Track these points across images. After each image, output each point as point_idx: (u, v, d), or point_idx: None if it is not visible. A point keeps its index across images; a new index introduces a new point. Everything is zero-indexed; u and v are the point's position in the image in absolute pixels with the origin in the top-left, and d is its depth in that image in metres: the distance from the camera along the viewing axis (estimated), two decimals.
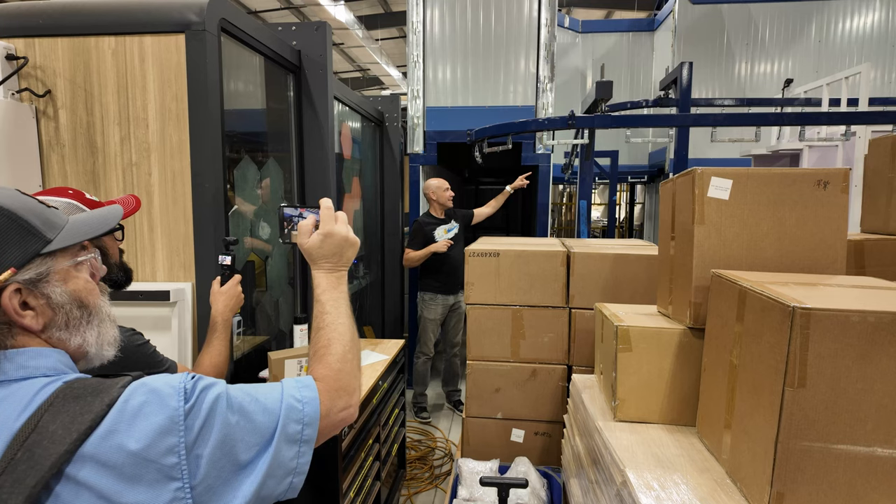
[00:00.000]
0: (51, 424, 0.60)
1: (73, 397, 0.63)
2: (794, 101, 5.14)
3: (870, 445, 0.90)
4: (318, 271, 0.98)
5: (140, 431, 0.62)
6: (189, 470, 0.63)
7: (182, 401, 0.65)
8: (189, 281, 1.81)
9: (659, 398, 1.43)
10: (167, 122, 1.79)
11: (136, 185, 1.81)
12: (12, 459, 0.58)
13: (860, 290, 1.09)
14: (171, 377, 0.69)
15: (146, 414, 0.63)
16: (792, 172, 1.33)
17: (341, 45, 13.91)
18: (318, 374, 0.85)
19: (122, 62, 1.79)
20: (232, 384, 0.74)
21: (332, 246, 0.97)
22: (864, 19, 6.61)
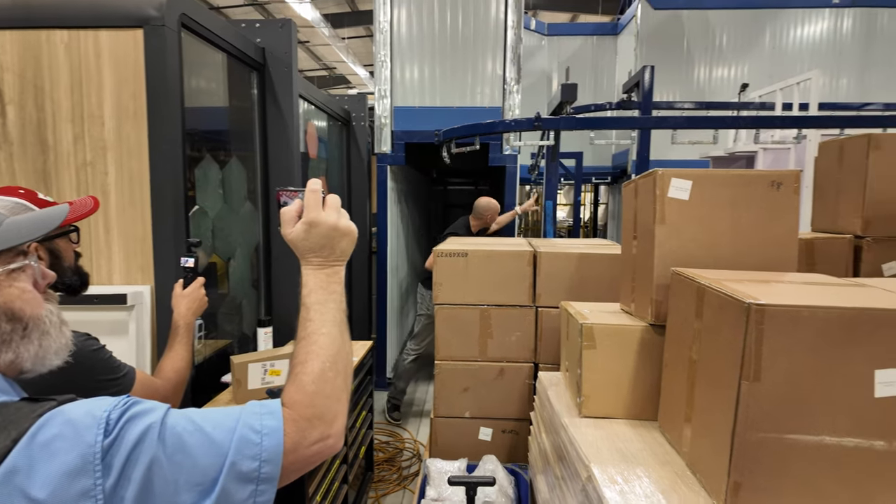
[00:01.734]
0: None
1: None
2: (749, 105, 5.34)
3: (819, 435, 0.94)
4: (306, 267, 0.82)
5: (45, 473, 0.52)
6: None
7: (101, 435, 0.55)
8: (148, 284, 1.75)
9: (622, 394, 1.46)
10: (124, 119, 1.73)
11: (91, 185, 1.75)
12: None
13: (811, 287, 1.14)
14: (99, 403, 0.59)
15: (55, 451, 0.53)
16: (747, 174, 1.38)
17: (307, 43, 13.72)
18: (288, 398, 0.71)
19: (75, 57, 1.72)
20: (182, 409, 0.65)
21: (318, 237, 0.81)
22: (814, 28, 6.93)
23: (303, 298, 0.81)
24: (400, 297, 5.15)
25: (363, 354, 2.58)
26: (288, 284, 2.69)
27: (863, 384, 0.93)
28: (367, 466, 2.99)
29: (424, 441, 3.61)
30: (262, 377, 1.90)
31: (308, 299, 0.80)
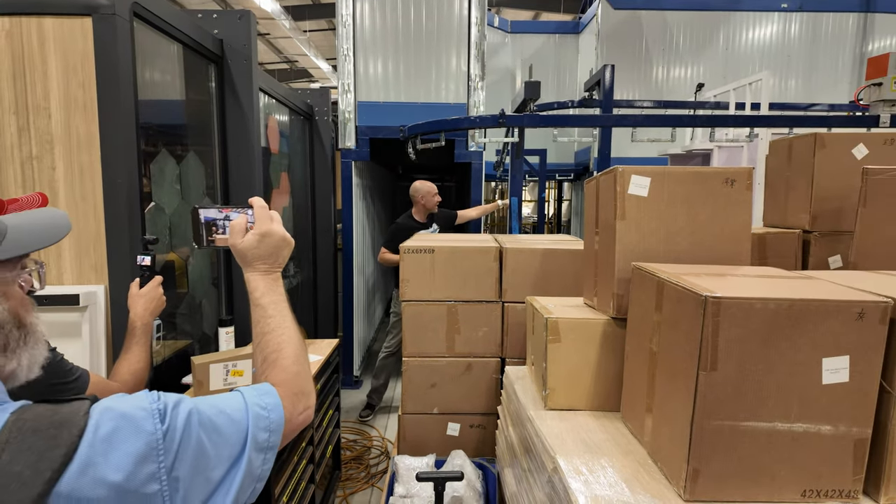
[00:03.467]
0: (14, 465, 0.53)
1: (30, 430, 0.56)
2: (705, 105, 5.52)
3: (771, 421, 0.99)
4: (252, 273, 0.92)
5: (119, 461, 0.57)
6: (170, 494, 0.60)
7: (158, 423, 0.61)
8: (101, 283, 1.68)
9: (586, 386, 1.49)
10: (73, 111, 1.65)
11: (37, 181, 1.66)
12: None
13: (763, 280, 1.19)
14: (136, 398, 0.64)
15: (119, 441, 0.58)
16: (703, 171, 1.43)
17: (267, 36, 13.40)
18: (276, 379, 0.82)
19: (17, 45, 1.63)
20: (188, 396, 0.71)
21: (269, 246, 0.92)
22: (764, 31, 7.21)
23: (256, 300, 0.90)
24: (366, 294, 5.11)
25: (329, 353, 2.55)
26: None
27: (811, 372, 0.97)
28: (335, 465, 2.96)
29: (392, 438, 3.60)
30: (224, 378, 1.86)
31: (263, 300, 0.90)
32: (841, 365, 0.97)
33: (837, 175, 1.78)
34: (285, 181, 3.72)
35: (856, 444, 0.99)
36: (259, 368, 0.86)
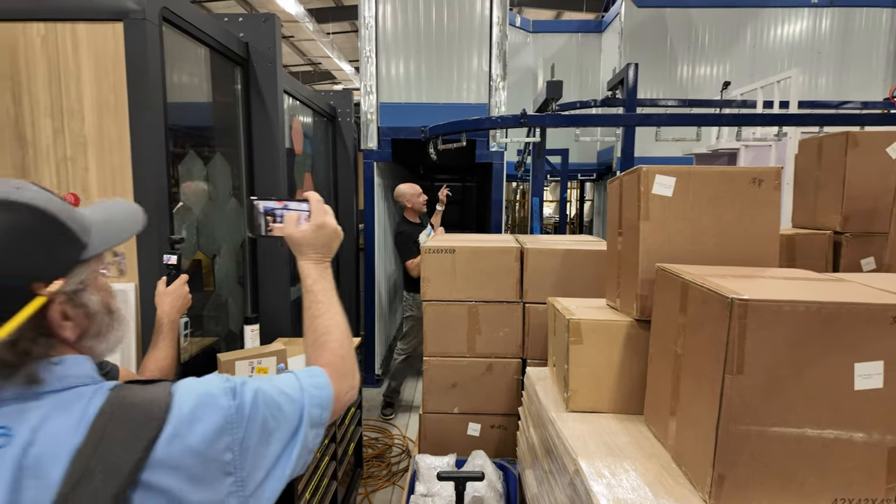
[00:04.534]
0: (118, 433, 0.60)
1: (129, 404, 0.63)
2: (731, 103, 5.41)
3: (800, 427, 0.96)
4: (306, 262, 0.99)
5: (201, 433, 0.64)
6: (241, 463, 0.67)
7: (231, 400, 0.68)
8: (131, 282, 1.72)
9: (609, 388, 1.48)
10: (105, 114, 1.70)
11: (71, 181, 1.72)
12: (86, 471, 0.58)
13: (792, 282, 1.16)
14: (209, 379, 0.71)
15: (201, 417, 0.65)
16: (730, 171, 1.40)
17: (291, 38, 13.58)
18: (325, 360, 0.89)
19: (53, 50, 1.69)
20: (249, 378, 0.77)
21: (322, 237, 0.99)
22: (794, 27, 7.03)
23: (308, 286, 0.97)
24: (388, 293, 5.14)
25: None
26: (274, 282, 2.66)
27: (843, 377, 0.95)
28: (357, 463, 2.99)
29: (413, 437, 3.61)
30: (249, 375, 1.89)
31: (315, 287, 0.97)
32: (874, 370, 0.94)
33: (871, 174, 1.73)
34: (309, 182, 3.76)
35: (890, 453, 0.96)
36: (309, 349, 0.92)
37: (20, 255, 0.61)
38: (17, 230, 0.61)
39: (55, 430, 0.60)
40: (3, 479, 0.57)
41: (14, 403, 0.61)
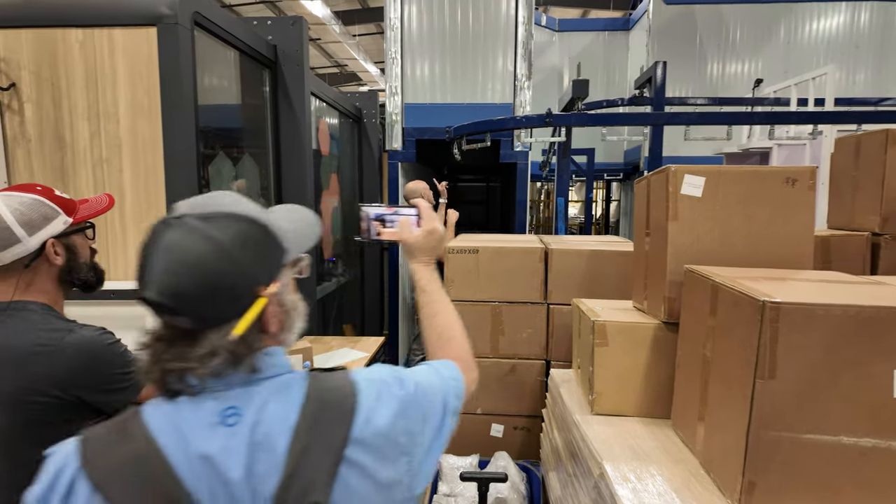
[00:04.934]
0: (326, 414, 0.68)
1: (326, 389, 0.71)
2: (763, 101, 5.28)
3: (836, 435, 0.93)
4: (418, 264, 1.05)
5: (385, 417, 0.71)
6: (411, 446, 0.73)
7: (401, 388, 0.75)
8: None
9: (635, 391, 1.45)
10: (139, 116, 1.75)
11: (107, 182, 1.77)
12: (306, 446, 0.65)
13: (826, 285, 1.13)
14: (378, 369, 0.78)
15: (383, 401, 0.72)
16: (762, 170, 1.36)
17: (318, 41, 13.75)
18: (453, 354, 0.95)
19: (90, 55, 1.74)
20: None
21: (433, 241, 1.06)
22: (830, 22, 6.81)
23: (423, 287, 1.04)
24: (411, 293, 5.16)
25: (375, 350, 2.59)
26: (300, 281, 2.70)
27: (881, 384, 0.91)
28: None
29: None
30: None
31: (428, 287, 1.03)
32: None
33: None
34: (335, 182, 3.81)
35: None
36: (434, 344, 0.99)
37: (249, 262, 0.68)
38: (245, 240, 0.68)
39: (275, 411, 0.67)
40: (240, 453, 0.65)
41: (240, 388, 0.69)
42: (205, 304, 0.65)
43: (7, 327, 1.11)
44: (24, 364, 1.08)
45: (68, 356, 1.10)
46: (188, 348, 0.66)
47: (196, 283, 0.64)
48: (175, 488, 0.62)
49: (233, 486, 0.64)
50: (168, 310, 0.65)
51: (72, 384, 1.10)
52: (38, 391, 1.08)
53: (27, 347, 1.09)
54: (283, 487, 0.64)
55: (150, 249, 0.66)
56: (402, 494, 0.72)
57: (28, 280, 1.15)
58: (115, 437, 0.66)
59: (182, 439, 0.65)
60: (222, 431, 0.65)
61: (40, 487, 0.65)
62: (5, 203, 1.11)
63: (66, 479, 0.64)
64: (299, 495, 0.64)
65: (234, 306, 0.67)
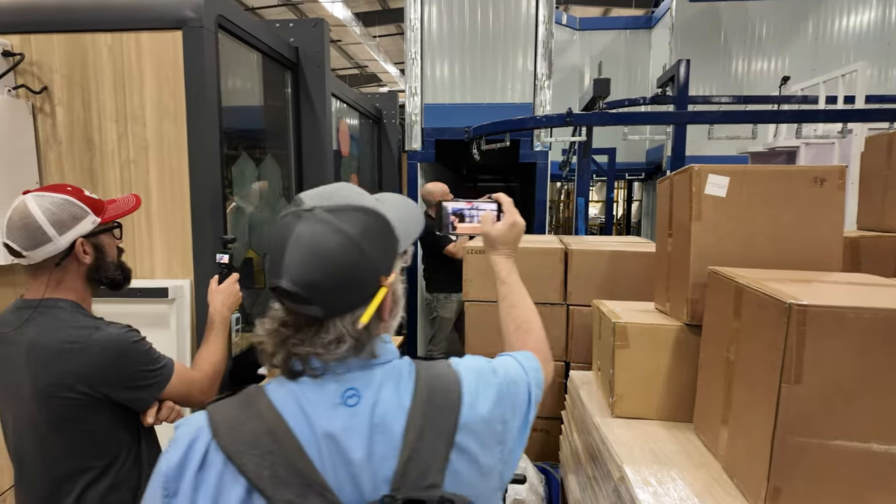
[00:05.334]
0: (436, 399, 0.70)
1: (432, 376, 0.73)
2: (790, 99, 5.16)
3: (866, 441, 0.91)
4: (499, 256, 1.08)
5: (486, 404, 0.73)
6: (505, 434, 0.75)
7: (496, 377, 0.77)
8: (187, 278, 1.80)
9: (656, 394, 1.43)
10: (164, 118, 1.79)
11: (133, 183, 1.81)
12: (421, 429, 0.67)
13: (856, 287, 1.10)
14: (474, 357, 0.80)
15: (482, 390, 0.74)
16: (788, 170, 1.34)
17: (339, 42, 13.87)
18: (532, 345, 0.97)
19: (118, 59, 1.78)
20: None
21: (515, 234, 1.08)
22: (861, 17, 6.63)
23: (503, 278, 1.06)
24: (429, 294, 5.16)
25: None
26: None
27: None
28: None
29: None
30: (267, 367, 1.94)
31: (508, 279, 1.06)
32: None
33: None
34: (355, 183, 3.83)
35: None
36: (513, 335, 1.00)
37: (374, 253, 0.70)
38: (371, 232, 0.71)
39: (390, 394, 0.69)
40: (362, 433, 0.67)
41: (358, 371, 0.71)
42: (336, 293, 0.68)
43: (38, 324, 1.14)
44: (54, 360, 1.11)
45: (95, 353, 1.12)
46: (315, 335, 0.69)
47: (329, 274, 0.67)
48: (306, 465, 0.64)
49: (354, 466, 0.65)
50: (301, 299, 0.67)
51: (98, 381, 1.13)
52: (68, 387, 1.11)
53: (57, 344, 1.12)
54: (401, 471, 0.65)
55: (283, 240, 0.68)
56: (495, 483, 0.74)
57: (58, 278, 1.19)
58: (244, 412, 0.68)
59: (307, 418, 0.67)
60: (344, 411, 0.68)
61: (176, 456, 0.67)
62: (37, 203, 1.14)
63: (199, 449, 0.66)
64: (417, 478, 0.65)
65: (360, 295, 0.69)
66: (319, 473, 0.64)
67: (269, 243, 0.70)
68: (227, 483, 0.64)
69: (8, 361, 1.15)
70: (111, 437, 1.19)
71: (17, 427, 1.18)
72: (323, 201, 0.70)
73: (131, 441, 1.23)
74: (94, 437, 1.17)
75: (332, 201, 0.70)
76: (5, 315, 1.19)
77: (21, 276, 1.69)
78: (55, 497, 1.16)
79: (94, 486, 1.17)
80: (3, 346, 1.16)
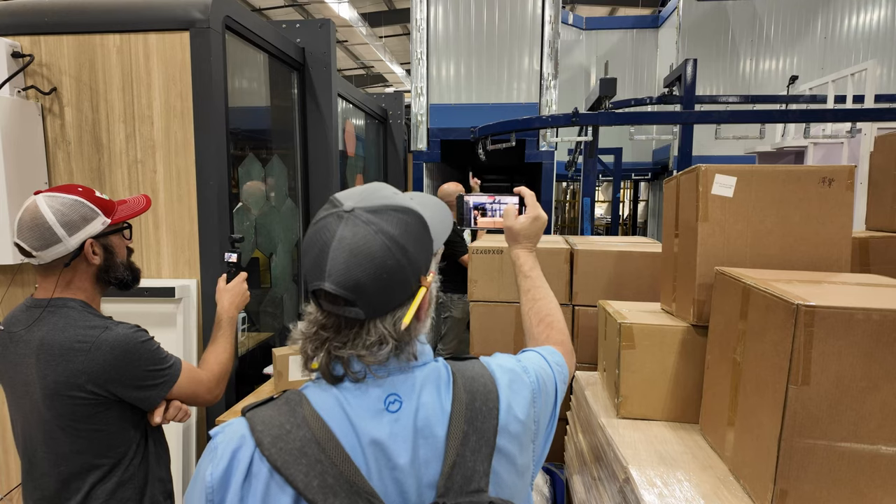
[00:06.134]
0: (475, 402, 0.69)
1: (469, 378, 0.72)
2: (799, 98, 5.12)
3: (874, 444, 0.90)
4: (521, 250, 1.06)
5: (521, 405, 0.73)
6: (538, 432, 0.75)
7: (529, 377, 0.76)
8: (194, 278, 1.82)
9: (662, 395, 1.43)
10: (172, 119, 1.80)
11: (141, 183, 1.82)
12: (464, 433, 0.67)
13: (865, 288, 1.09)
14: (503, 356, 0.80)
15: (517, 390, 0.74)
16: (796, 170, 1.33)
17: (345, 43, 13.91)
18: (555, 339, 0.96)
19: (126, 60, 1.80)
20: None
21: (537, 228, 1.06)
22: (870, 16, 6.57)
23: (526, 272, 1.04)
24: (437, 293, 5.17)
25: None
26: None
27: None
28: None
29: None
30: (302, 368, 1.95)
31: (532, 273, 1.04)
32: None
33: None
34: (360, 183, 3.84)
35: None
36: (535, 328, 0.99)
37: (415, 254, 0.69)
38: (411, 233, 0.70)
39: (431, 397, 0.69)
40: (406, 439, 0.66)
41: (397, 374, 0.70)
42: (379, 295, 0.67)
43: (48, 324, 1.15)
44: (63, 360, 1.12)
45: (104, 353, 1.13)
46: (356, 337, 0.68)
47: (373, 276, 0.65)
48: (354, 473, 0.63)
49: (399, 472, 0.65)
50: (345, 301, 0.66)
51: (107, 380, 1.14)
52: (76, 386, 1.12)
53: (66, 343, 1.13)
54: (446, 475, 0.64)
55: (325, 243, 0.67)
56: (528, 480, 0.74)
57: (68, 278, 1.20)
58: (288, 420, 0.66)
59: (351, 425, 0.66)
60: (387, 417, 0.67)
61: (220, 468, 0.65)
62: (48, 203, 1.15)
63: (244, 459, 0.65)
64: (462, 483, 0.64)
65: (402, 296, 0.69)
66: (367, 481, 0.63)
67: (308, 245, 0.68)
68: (273, 493, 0.63)
69: (18, 360, 1.16)
70: (119, 436, 1.20)
71: (27, 425, 1.19)
72: (363, 202, 0.69)
73: (139, 439, 1.24)
74: (102, 435, 1.18)
75: (371, 202, 0.69)
76: (15, 314, 1.20)
77: (31, 276, 1.70)
78: (64, 494, 1.18)
79: (102, 484, 1.18)
80: (14, 344, 1.17)
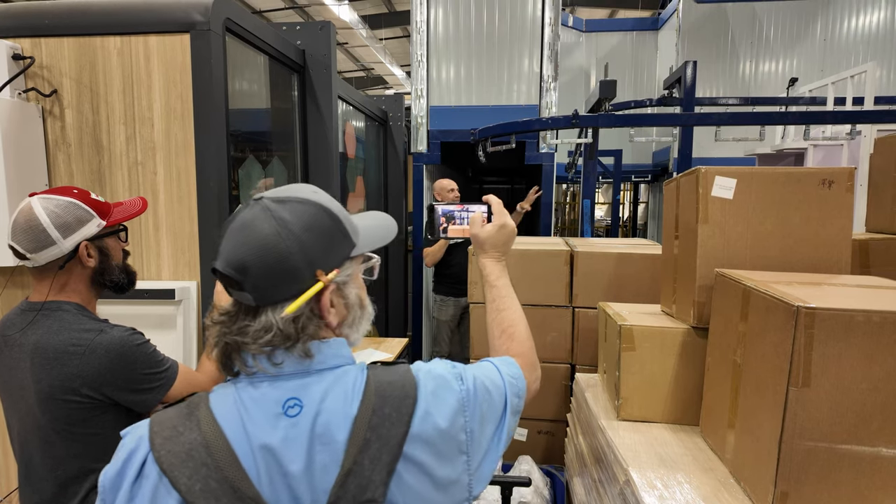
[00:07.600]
0: (384, 408, 0.67)
1: (386, 383, 0.70)
2: (798, 100, 5.12)
3: (875, 446, 0.90)
4: (488, 259, 1.04)
5: (443, 413, 0.70)
6: (471, 444, 0.72)
7: (461, 384, 0.74)
8: (194, 280, 1.81)
9: (662, 397, 1.43)
10: (172, 121, 1.80)
11: (141, 184, 1.82)
12: (365, 440, 0.65)
13: (865, 290, 1.09)
14: (437, 364, 0.77)
15: (441, 396, 0.71)
16: (796, 172, 1.33)
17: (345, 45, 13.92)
18: (515, 351, 0.93)
19: (127, 62, 1.80)
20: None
21: (503, 236, 1.04)
22: (870, 17, 6.57)
23: (491, 282, 1.02)
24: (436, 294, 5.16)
25: (399, 351, 2.60)
26: None
27: None
28: None
29: None
30: None
31: (497, 282, 1.01)
32: None
33: None
34: (360, 185, 3.84)
35: None
36: (498, 340, 0.96)
37: (312, 246, 0.69)
38: (312, 224, 0.70)
39: (335, 401, 0.67)
40: (301, 445, 0.65)
41: (296, 378, 0.69)
42: (266, 280, 0.67)
43: (42, 327, 1.15)
44: (57, 363, 1.12)
45: (99, 356, 1.13)
46: (248, 325, 0.68)
47: (258, 257, 0.66)
48: (239, 478, 0.62)
49: (291, 478, 0.64)
50: (234, 283, 0.67)
51: (102, 384, 1.13)
52: (71, 390, 1.12)
53: (61, 347, 1.12)
54: (339, 483, 0.63)
55: (227, 226, 0.70)
56: (461, 495, 0.71)
57: (62, 281, 1.19)
58: (183, 422, 0.67)
59: (245, 429, 0.65)
60: (284, 422, 0.66)
61: (114, 468, 0.67)
62: (42, 205, 1.15)
63: (137, 461, 0.66)
64: (356, 493, 0.63)
65: (294, 287, 0.68)
66: (254, 486, 0.63)
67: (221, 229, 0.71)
68: (161, 496, 0.63)
69: (12, 364, 1.16)
70: (116, 440, 1.19)
71: (23, 429, 1.19)
72: (274, 194, 0.71)
73: None
74: (98, 439, 1.17)
75: (280, 194, 0.71)
76: (10, 317, 1.20)
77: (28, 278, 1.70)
78: (61, 499, 1.17)
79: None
80: (8, 348, 1.17)
